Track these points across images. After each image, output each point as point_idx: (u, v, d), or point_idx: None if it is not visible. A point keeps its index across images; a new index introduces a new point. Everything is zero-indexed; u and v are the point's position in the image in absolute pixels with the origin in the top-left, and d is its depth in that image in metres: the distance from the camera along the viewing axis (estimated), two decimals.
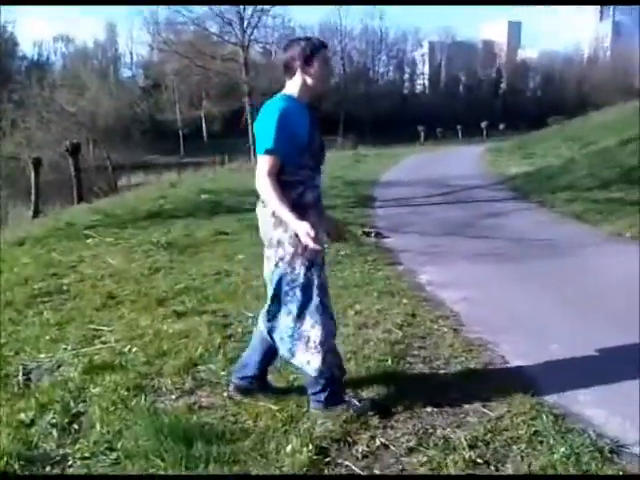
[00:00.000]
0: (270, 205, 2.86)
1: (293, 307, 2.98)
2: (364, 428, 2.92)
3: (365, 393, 3.28)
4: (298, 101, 2.94)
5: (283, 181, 2.86)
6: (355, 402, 3.09)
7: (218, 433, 2.88)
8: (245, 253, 7.05)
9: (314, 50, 2.93)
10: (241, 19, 34.05)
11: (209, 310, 4.87)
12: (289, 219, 2.77)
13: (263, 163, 2.86)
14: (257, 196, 3.00)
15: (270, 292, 3.06)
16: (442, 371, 3.63)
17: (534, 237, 7.72)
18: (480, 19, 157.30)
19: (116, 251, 7.57)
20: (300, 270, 2.93)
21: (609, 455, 2.67)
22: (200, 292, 5.43)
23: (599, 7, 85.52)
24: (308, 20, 65.15)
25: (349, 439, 2.83)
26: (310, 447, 2.72)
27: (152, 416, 3.03)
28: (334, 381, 3.05)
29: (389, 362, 3.68)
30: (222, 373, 3.60)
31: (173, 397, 3.37)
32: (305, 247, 2.81)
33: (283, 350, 3.07)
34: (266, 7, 33.70)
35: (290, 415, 3.04)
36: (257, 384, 3.26)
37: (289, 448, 2.74)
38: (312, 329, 2.96)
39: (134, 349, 4.05)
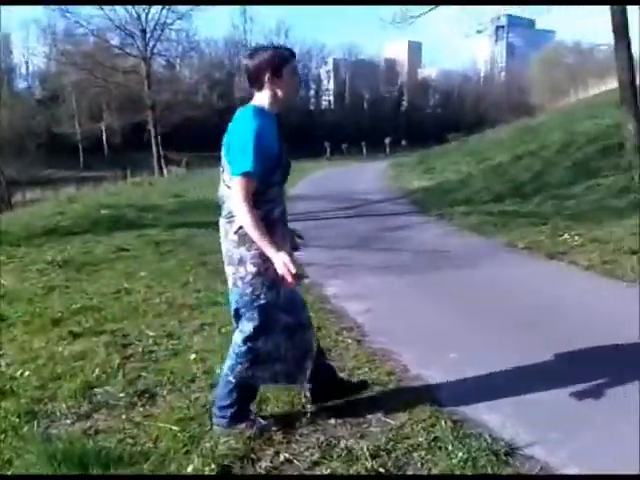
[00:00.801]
0: (249, 233, 2.73)
1: (249, 327, 2.91)
2: (268, 444, 2.90)
3: (269, 408, 3.26)
4: (269, 113, 2.85)
5: (253, 199, 2.74)
6: (259, 419, 3.06)
7: (116, 457, 2.78)
8: (147, 270, 6.88)
9: (283, 62, 2.85)
10: (143, 32, 33.45)
11: (107, 330, 4.69)
12: (269, 251, 2.69)
13: (240, 186, 2.71)
14: (219, 208, 2.92)
15: (231, 311, 3.01)
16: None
17: (434, 249, 7.98)
18: (383, 38, 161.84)
19: (8, 270, 7.17)
20: (261, 290, 2.85)
21: (504, 458, 2.77)
22: (98, 311, 5.22)
23: (494, 29, 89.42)
24: (213, 34, 64.62)
25: (253, 456, 2.80)
26: (212, 466, 2.68)
27: (45, 442, 2.90)
28: (246, 398, 3.02)
29: None
30: (121, 395, 3.47)
31: (68, 422, 3.22)
32: (267, 267, 2.76)
33: (225, 365, 3.01)
34: (169, 20, 33.31)
35: (192, 435, 2.97)
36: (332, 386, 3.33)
37: (190, 468, 2.68)
38: (264, 345, 2.93)
39: (26, 373, 3.85)
